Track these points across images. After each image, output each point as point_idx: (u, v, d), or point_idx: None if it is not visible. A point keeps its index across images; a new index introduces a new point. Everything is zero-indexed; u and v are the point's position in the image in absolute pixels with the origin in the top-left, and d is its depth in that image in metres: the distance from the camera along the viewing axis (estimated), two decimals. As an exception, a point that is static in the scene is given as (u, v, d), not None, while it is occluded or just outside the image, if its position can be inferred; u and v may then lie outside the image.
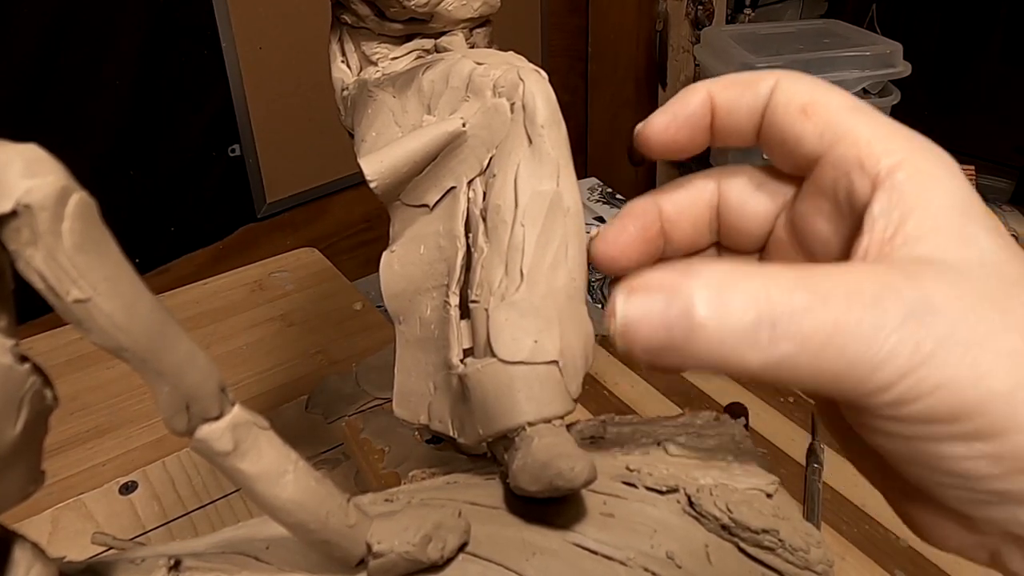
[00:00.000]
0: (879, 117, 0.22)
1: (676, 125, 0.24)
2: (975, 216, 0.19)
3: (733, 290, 0.18)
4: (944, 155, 0.21)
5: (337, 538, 0.20)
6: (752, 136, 0.24)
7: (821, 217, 0.23)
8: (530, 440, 0.23)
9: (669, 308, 0.18)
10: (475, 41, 0.37)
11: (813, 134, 0.22)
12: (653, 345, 0.19)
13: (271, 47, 1.27)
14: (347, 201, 1.44)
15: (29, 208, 0.13)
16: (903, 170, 0.20)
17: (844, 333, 0.17)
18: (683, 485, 0.24)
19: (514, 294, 0.25)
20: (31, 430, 0.15)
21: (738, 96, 0.23)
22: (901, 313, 0.17)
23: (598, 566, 0.22)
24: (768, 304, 0.18)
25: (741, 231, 0.26)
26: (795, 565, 0.23)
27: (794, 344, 0.18)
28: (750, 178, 0.25)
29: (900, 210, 0.19)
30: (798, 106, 0.22)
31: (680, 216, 0.26)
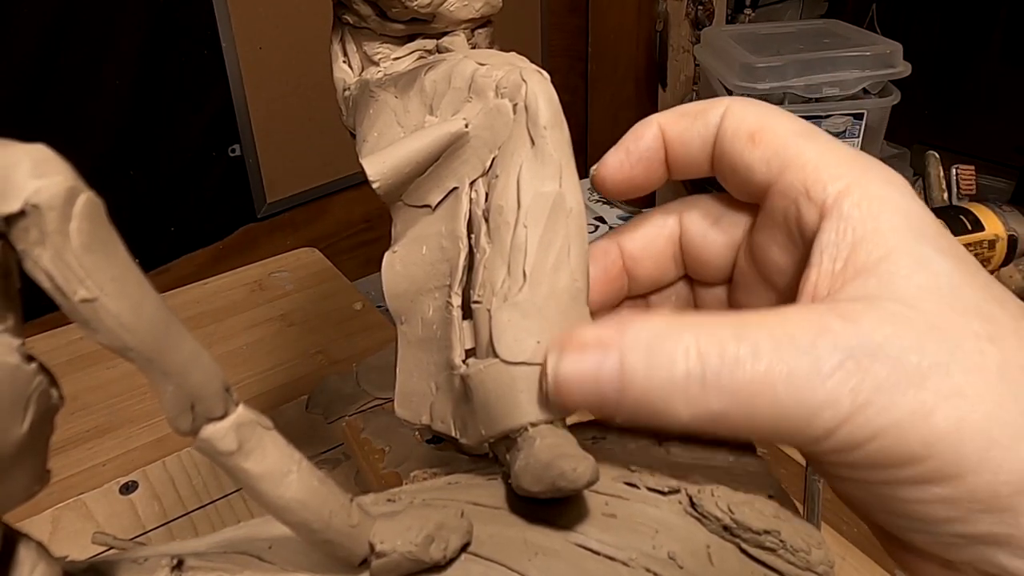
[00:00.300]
0: (828, 141, 0.21)
1: (630, 163, 0.24)
2: (929, 237, 0.18)
3: (663, 345, 0.18)
4: (894, 175, 0.20)
5: (340, 538, 0.20)
6: (706, 167, 0.23)
7: (776, 247, 0.22)
8: (532, 440, 0.23)
9: (600, 366, 0.19)
10: (477, 42, 0.37)
11: (761, 162, 0.21)
12: (585, 402, 0.19)
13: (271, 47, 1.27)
14: (347, 201, 1.44)
15: (37, 208, 0.13)
16: (851, 196, 0.19)
17: (776, 383, 0.17)
18: (685, 486, 0.24)
19: (517, 295, 0.25)
20: (37, 429, 0.15)
21: (688, 127, 0.23)
22: (837, 358, 0.17)
23: (600, 566, 0.22)
24: (697, 359, 0.17)
25: (705, 264, 0.25)
26: (796, 566, 0.23)
27: (725, 398, 0.17)
28: (709, 209, 0.25)
29: (849, 239, 0.19)
30: (746, 133, 0.22)
31: (642, 254, 0.26)
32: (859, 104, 1.14)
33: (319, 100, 1.28)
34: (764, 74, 1.15)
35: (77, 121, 1.10)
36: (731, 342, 0.17)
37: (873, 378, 0.17)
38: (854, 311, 0.17)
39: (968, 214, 0.83)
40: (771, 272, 0.23)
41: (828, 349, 0.17)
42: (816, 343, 0.17)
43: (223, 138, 1.28)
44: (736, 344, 0.17)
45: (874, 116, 1.14)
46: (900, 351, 0.17)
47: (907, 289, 0.18)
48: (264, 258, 0.88)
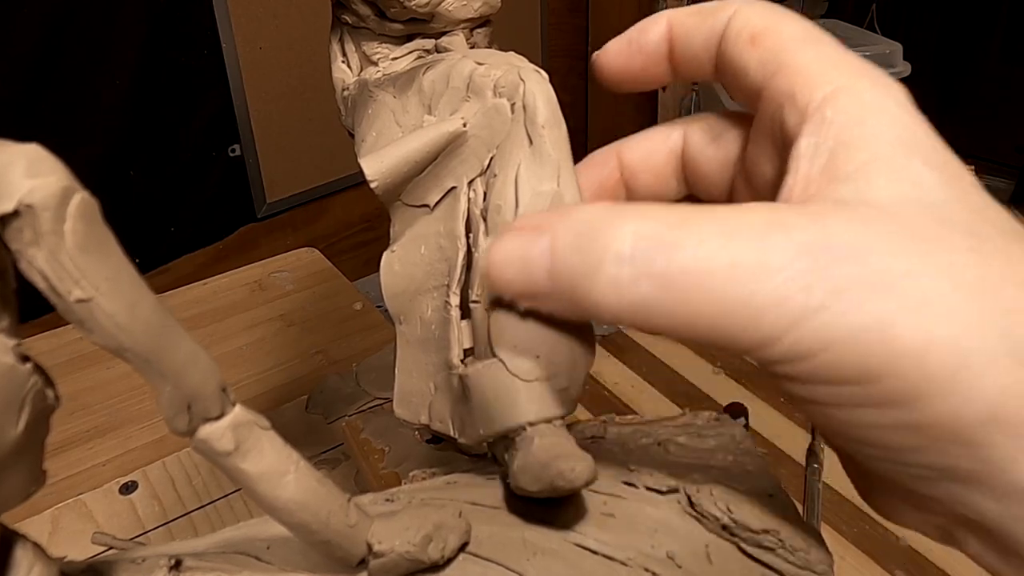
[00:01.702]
0: (829, 46, 0.19)
1: (630, 52, 0.22)
2: (918, 148, 0.17)
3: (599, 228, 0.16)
4: (890, 82, 0.18)
5: (338, 538, 0.20)
6: (709, 68, 0.22)
7: (764, 158, 0.21)
8: (530, 440, 0.23)
9: (530, 246, 0.17)
10: (476, 41, 0.37)
11: (757, 63, 0.19)
12: (515, 285, 0.18)
13: (271, 47, 1.28)
14: (347, 201, 1.44)
15: (31, 208, 0.13)
16: (837, 100, 0.17)
17: (715, 273, 0.15)
18: (683, 485, 0.24)
19: (515, 294, 0.25)
20: (33, 430, 0.15)
21: (697, 24, 0.21)
22: (790, 252, 0.15)
23: (599, 566, 0.22)
24: (631, 240, 0.16)
25: (705, 179, 0.23)
26: (795, 565, 0.23)
27: (655, 284, 0.15)
28: (713, 123, 0.23)
29: (829, 144, 0.17)
30: (748, 34, 0.20)
31: (641, 166, 0.24)
32: None
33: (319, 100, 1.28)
34: None
35: (77, 122, 1.10)
36: (671, 228, 0.16)
37: (831, 279, 0.14)
38: (820, 210, 0.16)
39: None
40: (760, 186, 0.21)
41: (780, 241, 0.15)
42: (767, 234, 0.15)
43: (223, 138, 1.28)
44: (677, 230, 0.16)
45: None
46: (866, 252, 0.15)
47: (885, 197, 0.16)
48: (264, 258, 0.88)
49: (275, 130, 1.33)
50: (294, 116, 1.34)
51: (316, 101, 1.30)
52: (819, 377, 0.15)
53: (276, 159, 1.35)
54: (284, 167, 1.37)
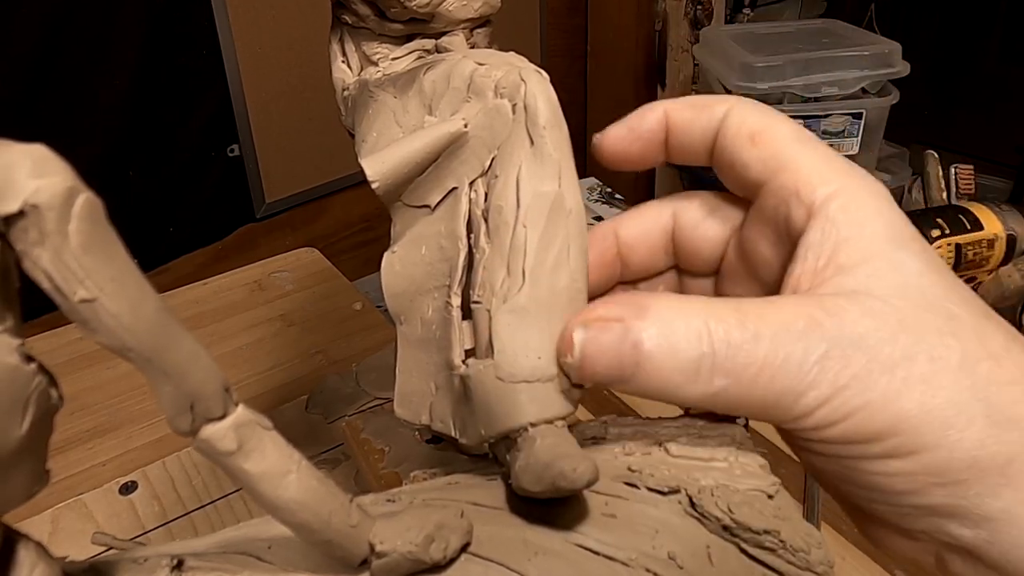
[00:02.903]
0: (822, 148, 0.23)
1: (630, 139, 0.26)
2: (904, 242, 0.20)
3: (677, 327, 0.20)
4: (877, 184, 0.22)
5: (340, 538, 0.20)
6: (704, 157, 0.25)
7: (765, 242, 0.24)
8: (532, 441, 0.24)
9: (622, 343, 0.20)
10: (476, 41, 0.37)
11: (758, 161, 0.23)
12: (605, 376, 0.21)
13: (270, 47, 1.27)
14: (346, 201, 1.44)
15: (36, 208, 0.13)
16: (837, 200, 0.21)
17: (772, 367, 0.19)
18: (684, 486, 0.24)
19: (516, 295, 0.25)
20: (37, 429, 0.15)
21: (693, 118, 0.25)
22: (822, 347, 0.19)
23: (600, 567, 0.22)
24: (709, 342, 0.19)
25: (695, 255, 0.27)
26: (796, 566, 0.23)
27: (729, 379, 0.19)
28: (703, 203, 0.26)
29: (832, 240, 0.21)
30: (747, 133, 0.23)
31: (636, 242, 0.27)
32: (858, 103, 1.15)
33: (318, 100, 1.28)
34: (763, 74, 1.15)
35: (76, 122, 1.10)
36: (736, 329, 0.19)
37: (852, 366, 0.19)
38: (838, 306, 0.19)
39: (967, 213, 0.84)
40: (758, 265, 0.25)
41: (816, 340, 0.19)
42: (806, 333, 0.19)
43: (222, 138, 1.27)
44: (740, 331, 0.19)
45: (873, 115, 1.15)
46: (876, 342, 0.19)
47: (882, 288, 0.20)
48: (263, 258, 0.88)
49: (274, 130, 1.32)
50: (293, 116, 1.33)
51: (315, 101, 1.29)
52: (840, 439, 0.19)
53: (275, 159, 1.35)
54: (283, 167, 1.36)
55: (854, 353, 0.19)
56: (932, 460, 0.18)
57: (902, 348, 0.19)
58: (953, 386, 0.19)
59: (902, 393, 0.18)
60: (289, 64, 1.29)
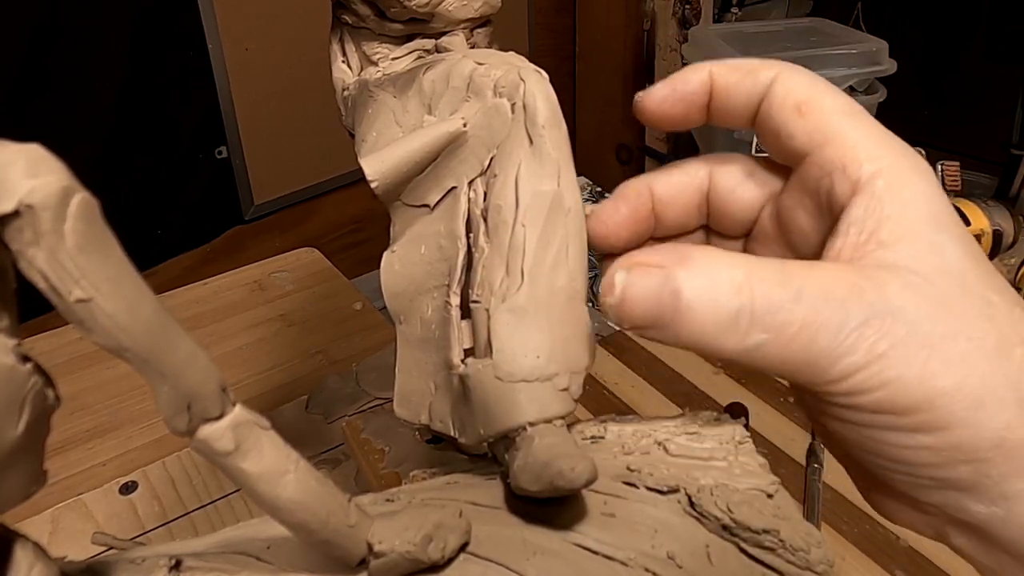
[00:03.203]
0: (869, 122, 0.23)
1: (673, 99, 0.25)
2: (945, 225, 0.21)
3: (719, 278, 0.20)
4: (923, 164, 0.22)
5: (338, 538, 0.20)
6: (746, 121, 0.25)
7: (804, 212, 0.24)
8: (531, 440, 0.23)
9: (662, 288, 0.20)
10: (476, 41, 0.37)
11: (804, 132, 0.23)
12: (643, 320, 0.21)
13: (257, 48, 1.26)
14: (336, 202, 1.43)
15: (32, 208, 0.13)
16: (882, 178, 0.21)
17: (812, 329, 0.19)
18: (684, 485, 0.24)
19: (515, 295, 0.25)
20: (33, 430, 0.15)
21: (738, 82, 0.24)
22: (863, 314, 0.19)
23: (599, 566, 0.22)
24: (749, 296, 0.19)
25: (729, 217, 0.27)
26: (796, 565, 0.23)
27: (768, 335, 0.19)
28: (741, 167, 0.26)
29: (876, 217, 0.21)
30: (794, 103, 0.23)
31: (671, 199, 0.27)
32: None
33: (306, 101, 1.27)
34: None
35: (62, 125, 1.09)
36: (778, 286, 0.19)
37: (891, 336, 0.19)
38: (880, 277, 0.20)
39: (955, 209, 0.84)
40: (793, 233, 0.25)
41: (857, 306, 0.19)
42: (847, 299, 0.19)
43: (209, 140, 1.26)
44: (782, 289, 0.19)
45: None
46: (917, 317, 0.19)
47: (923, 267, 0.20)
48: (252, 261, 0.88)
49: (262, 132, 1.31)
50: (281, 117, 1.32)
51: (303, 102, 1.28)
52: (872, 408, 0.19)
53: (263, 161, 1.33)
54: (272, 169, 1.35)
55: (894, 324, 0.19)
56: (960, 437, 0.19)
57: (942, 326, 0.19)
58: (988, 368, 0.19)
59: (939, 370, 0.19)
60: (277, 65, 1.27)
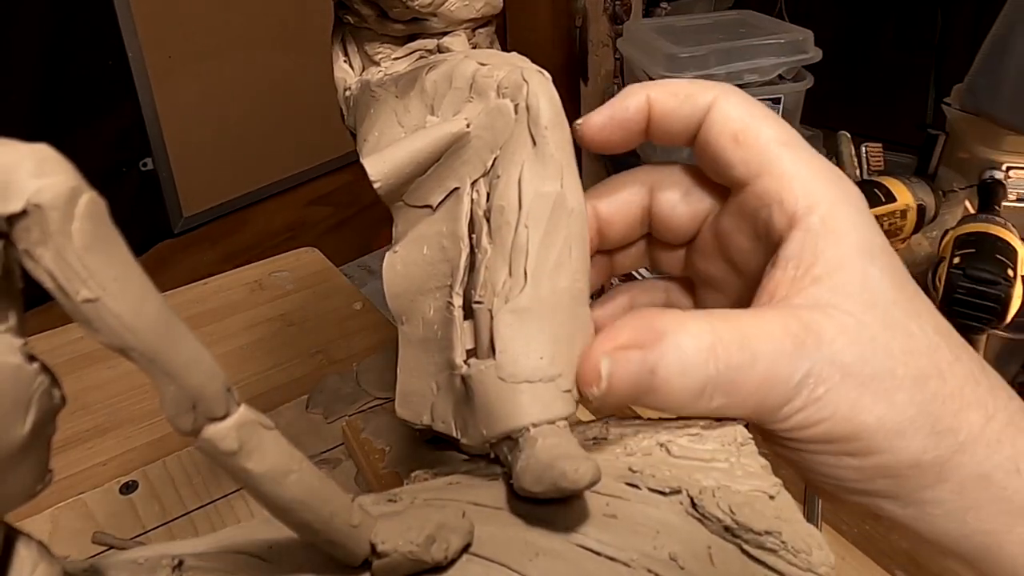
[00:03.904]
0: (805, 152, 0.24)
1: (612, 126, 0.26)
2: (875, 255, 0.23)
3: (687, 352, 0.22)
4: (855, 193, 0.24)
5: (341, 538, 0.20)
6: (686, 143, 0.26)
7: (742, 235, 0.26)
8: (533, 441, 0.24)
9: (640, 370, 0.22)
10: (478, 41, 0.37)
11: (742, 161, 0.24)
12: (624, 401, 0.23)
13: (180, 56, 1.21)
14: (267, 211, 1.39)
15: (39, 208, 0.13)
16: (816, 213, 0.23)
17: (765, 387, 0.22)
18: (686, 486, 0.24)
19: (518, 296, 0.25)
20: (39, 429, 0.15)
21: (675, 108, 0.26)
22: (805, 367, 0.22)
23: (601, 567, 0.22)
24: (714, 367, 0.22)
25: (670, 231, 0.28)
26: (797, 567, 0.23)
27: (727, 397, 0.22)
28: (681, 183, 0.28)
29: (811, 251, 0.23)
30: (731, 132, 0.24)
31: (613, 217, 0.29)
32: (777, 89, 1.21)
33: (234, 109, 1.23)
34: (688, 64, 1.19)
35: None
36: (736, 352, 0.22)
37: (828, 382, 0.22)
38: (816, 323, 0.22)
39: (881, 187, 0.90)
40: (731, 250, 0.27)
41: (801, 360, 0.22)
42: (793, 354, 0.22)
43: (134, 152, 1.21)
44: (740, 354, 0.22)
45: (790, 100, 1.21)
46: (849, 361, 0.22)
47: (853, 303, 0.22)
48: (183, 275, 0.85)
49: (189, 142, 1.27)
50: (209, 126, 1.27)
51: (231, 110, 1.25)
52: (811, 439, 0.23)
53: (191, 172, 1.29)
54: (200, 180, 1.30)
55: (830, 371, 0.22)
56: (882, 461, 0.22)
57: (870, 366, 0.22)
58: (908, 400, 0.22)
59: (866, 406, 0.22)
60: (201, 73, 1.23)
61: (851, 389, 0.22)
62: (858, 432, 0.22)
